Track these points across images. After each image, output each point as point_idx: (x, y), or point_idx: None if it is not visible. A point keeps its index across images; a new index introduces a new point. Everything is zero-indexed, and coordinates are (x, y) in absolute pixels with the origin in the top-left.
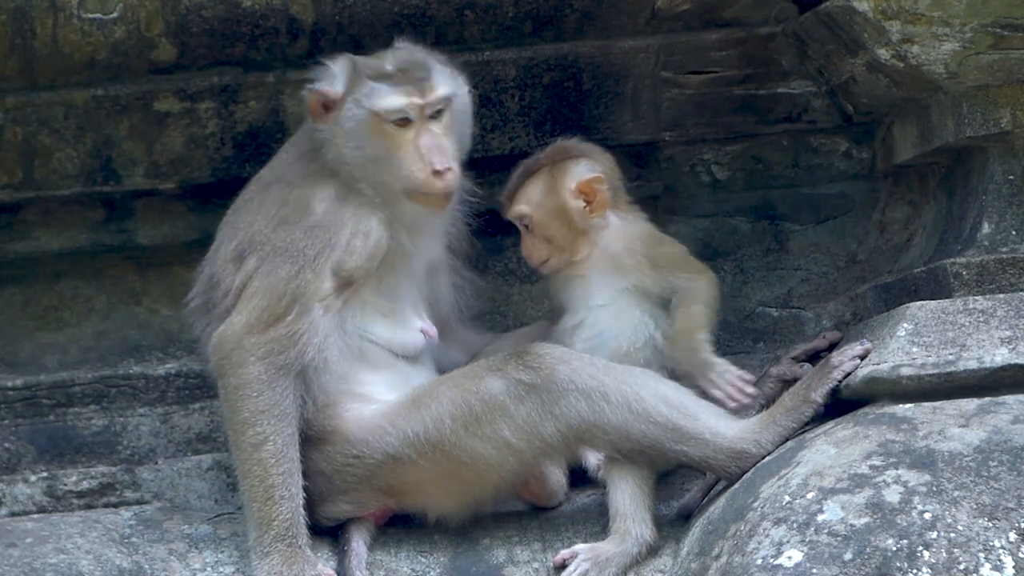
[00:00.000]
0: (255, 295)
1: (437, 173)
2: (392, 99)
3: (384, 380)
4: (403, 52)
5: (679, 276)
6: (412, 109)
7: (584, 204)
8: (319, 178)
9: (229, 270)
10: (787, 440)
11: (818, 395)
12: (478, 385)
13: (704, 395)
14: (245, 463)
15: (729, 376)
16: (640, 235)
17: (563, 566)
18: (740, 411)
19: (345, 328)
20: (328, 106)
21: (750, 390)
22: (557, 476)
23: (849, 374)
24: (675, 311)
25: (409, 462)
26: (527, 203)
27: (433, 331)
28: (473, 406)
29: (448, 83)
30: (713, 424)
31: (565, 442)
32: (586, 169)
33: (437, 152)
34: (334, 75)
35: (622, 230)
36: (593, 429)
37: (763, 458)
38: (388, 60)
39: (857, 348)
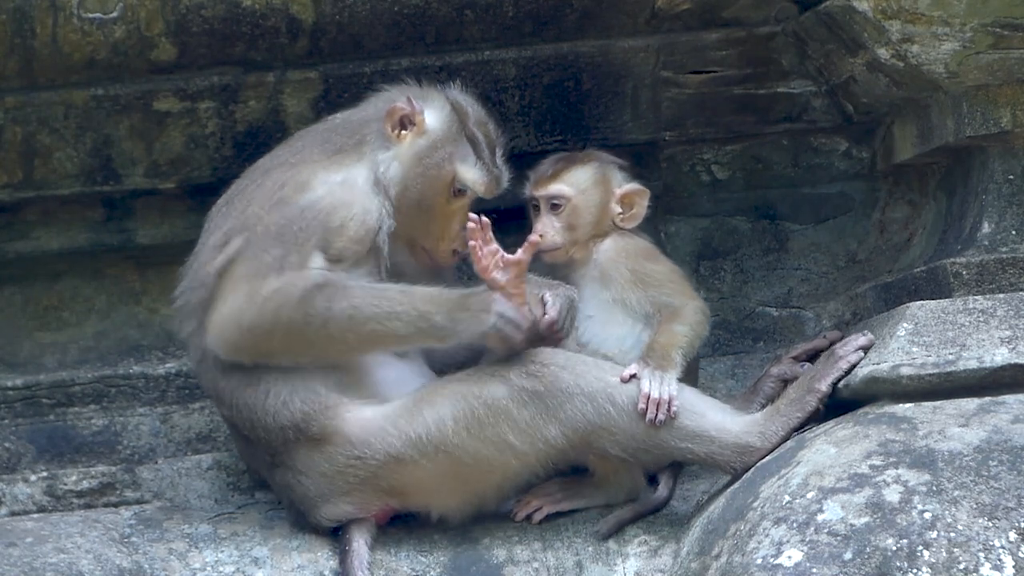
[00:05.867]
0: (239, 281)
1: (455, 253)
2: (475, 174)
3: (381, 375)
4: (496, 127)
5: (665, 295)
6: (483, 191)
7: (619, 211)
8: (331, 164)
9: (213, 255)
10: (793, 432)
11: (824, 384)
12: (481, 389)
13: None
14: (378, 320)
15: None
16: (630, 250)
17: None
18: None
19: None
20: (406, 123)
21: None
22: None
23: (855, 365)
24: (657, 327)
25: (411, 462)
26: (572, 185)
27: None
28: (476, 409)
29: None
30: (718, 420)
31: (570, 444)
32: (632, 180)
33: (462, 233)
34: (435, 107)
35: (614, 244)
36: (599, 431)
37: (769, 451)
38: (485, 131)
39: (861, 339)
